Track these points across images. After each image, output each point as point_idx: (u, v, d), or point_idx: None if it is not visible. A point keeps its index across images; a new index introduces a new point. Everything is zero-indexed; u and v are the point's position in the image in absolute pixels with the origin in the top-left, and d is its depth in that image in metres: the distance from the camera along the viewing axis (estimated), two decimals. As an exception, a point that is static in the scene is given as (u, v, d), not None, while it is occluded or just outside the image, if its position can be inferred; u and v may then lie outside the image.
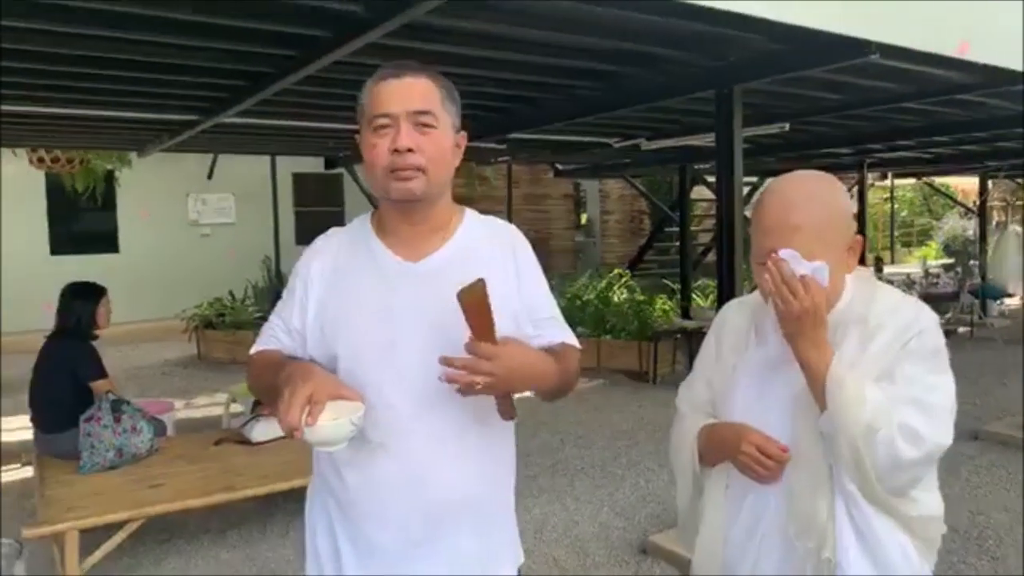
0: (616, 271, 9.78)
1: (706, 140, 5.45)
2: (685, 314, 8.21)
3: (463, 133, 1.47)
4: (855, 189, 9.58)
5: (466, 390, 1.27)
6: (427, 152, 1.36)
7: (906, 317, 1.36)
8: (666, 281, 9.78)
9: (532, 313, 1.47)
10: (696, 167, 8.43)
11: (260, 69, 3.43)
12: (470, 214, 1.52)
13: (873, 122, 5.97)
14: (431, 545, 1.41)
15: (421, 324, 1.37)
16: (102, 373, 3.92)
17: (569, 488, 4.58)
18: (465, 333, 1.28)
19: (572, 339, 1.54)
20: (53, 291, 4.13)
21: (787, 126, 5.02)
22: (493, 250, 1.47)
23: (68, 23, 2.76)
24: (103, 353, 4.01)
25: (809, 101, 4.65)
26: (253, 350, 1.52)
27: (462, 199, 1.51)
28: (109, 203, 10.33)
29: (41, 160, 6.81)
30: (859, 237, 1.40)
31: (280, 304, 1.52)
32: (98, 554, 3.19)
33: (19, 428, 4.97)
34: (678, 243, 9.58)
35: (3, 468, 4.80)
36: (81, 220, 10.52)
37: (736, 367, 1.49)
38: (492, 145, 6.33)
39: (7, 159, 7.53)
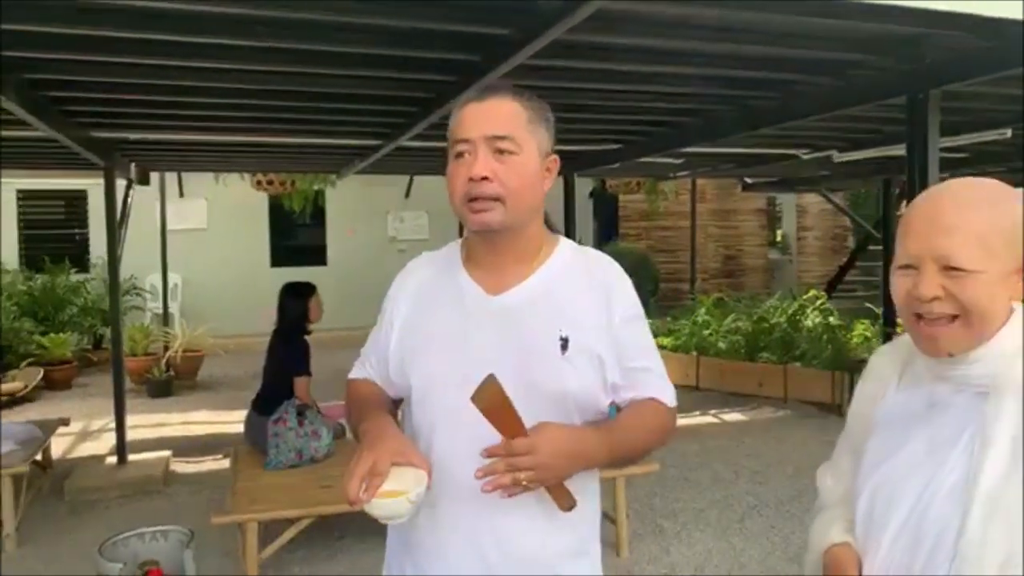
0: (812, 292, 9.07)
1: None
2: (888, 341, 7.40)
3: (554, 156, 1.37)
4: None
5: (512, 492, 1.18)
6: (505, 180, 1.28)
7: None
8: (869, 305, 8.91)
9: (622, 360, 1.34)
10: (903, 179, 7.60)
11: (428, 95, 3.58)
12: (564, 244, 1.42)
13: None
14: None
15: (497, 362, 1.26)
16: (306, 370, 4.31)
17: (738, 526, 4.28)
18: (543, 377, 1.22)
19: (665, 394, 1.39)
20: (272, 299, 4.61)
21: (1008, 132, 4.37)
22: (583, 286, 1.36)
23: (270, 62, 3.05)
24: (314, 354, 4.40)
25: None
26: (350, 375, 1.52)
27: (645, 215, 1.43)
28: (319, 221, 11.38)
29: (259, 183, 7.65)
30: None
31: (374, 329, 1.50)
32: (275, 545, 3.48)
33: (236, 421, 5.57)
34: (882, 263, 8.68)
35: (209, 457, 5.43)
36: (296, 236, 11.68)
37: (872, 420, 1.26)
38: (668, 160, 6.14)
39: (237, 182, 8.56)
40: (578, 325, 1.30)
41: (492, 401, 1.18)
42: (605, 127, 4.80)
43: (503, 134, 1.28)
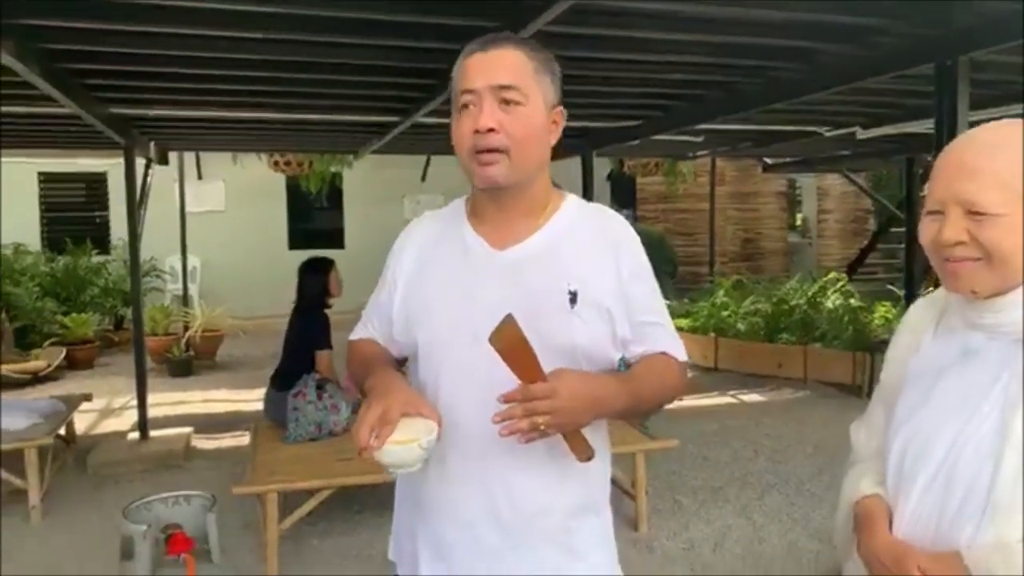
0: (831, 274, 8.98)
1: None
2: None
3: (560, 108, 1.34)
4: None
5: (529, 436, 1.15)
6: (511, 132, 1.25)
7: None
8: (891, 287, 8.82)
9: (631, 315, 1.33)
10: (928, 158, 7.48)
11: (444, 67, 3.55)
12: (571, 201, 1.41)
13: None
14: (504, 557, 1.31)
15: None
16: (327, 344, 4.33)
17: (758, 503, 4.26)
18: (552, 331, 1.19)
19: (676, 349, 1.38)
20: (291, 281, 4.64)
21: (1038, 104, 4.27)
22: (591, 241, 1.35)
23: (285, 28, 3.01)
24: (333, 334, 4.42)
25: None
26: (351, 336, 1.51)
27: (663, 197, 1.41)
28: (336, 203, 11.41)
29: (276, 163, 7.67)
30: None
31: (376, 289, 1.49)
32: (294, 516, 3.50)
33: (255, 400, 5.61)
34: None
35: (229, 434, 5.48)
36: (313, 219, 11.73)
37: (906, 372, 1.24)
38: (688, 138, 6.07)
39: (254, 164, 8.58)
40: (586, 279, 1.29)
41: (510, 342, 1.15)
42: (624, 101, 4.75)
43: (509, 83, 1.25)
